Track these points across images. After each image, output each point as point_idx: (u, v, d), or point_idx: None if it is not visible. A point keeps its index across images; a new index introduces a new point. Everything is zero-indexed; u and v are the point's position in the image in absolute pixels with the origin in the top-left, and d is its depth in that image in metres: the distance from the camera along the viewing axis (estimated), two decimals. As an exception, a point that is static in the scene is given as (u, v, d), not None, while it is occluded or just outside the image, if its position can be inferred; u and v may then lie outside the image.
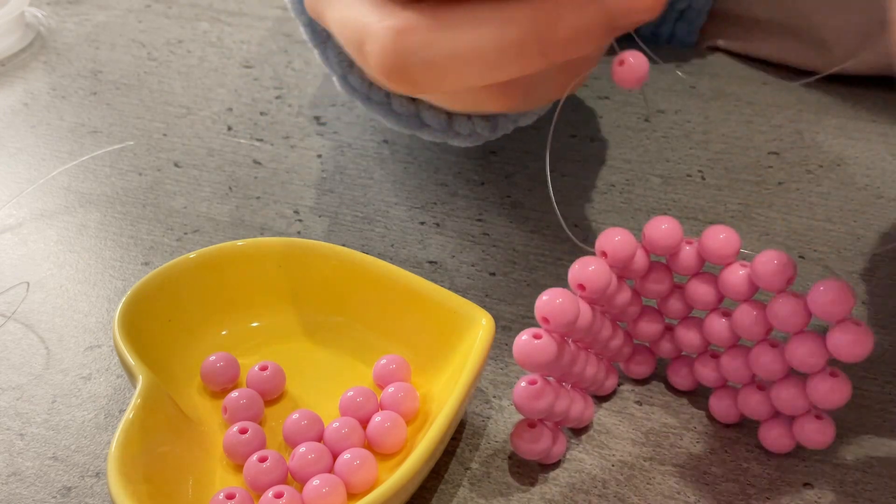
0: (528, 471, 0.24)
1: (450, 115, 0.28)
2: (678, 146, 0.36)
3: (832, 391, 0.22)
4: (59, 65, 0.43)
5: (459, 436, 0.25)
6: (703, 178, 0.34)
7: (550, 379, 0.23)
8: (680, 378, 0.26)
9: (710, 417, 0.25)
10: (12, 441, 0.25)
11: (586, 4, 0.20)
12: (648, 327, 0.25)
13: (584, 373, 0.24)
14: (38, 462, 0.24)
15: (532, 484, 0.23)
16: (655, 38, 0.44)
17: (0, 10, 0.43)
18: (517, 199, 0.33)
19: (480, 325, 0.24)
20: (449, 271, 0.30)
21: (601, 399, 0.26)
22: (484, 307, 0.25)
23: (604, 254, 0.23)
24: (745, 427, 0.25)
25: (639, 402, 0.26)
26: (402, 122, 0.28)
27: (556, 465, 0.24)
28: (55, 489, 0.24)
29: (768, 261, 0.22)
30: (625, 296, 0.24)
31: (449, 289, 0.25)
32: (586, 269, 0.22)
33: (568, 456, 0.24)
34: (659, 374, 0.26)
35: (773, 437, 0.24)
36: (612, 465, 0.24)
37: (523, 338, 0.21)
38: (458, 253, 0.31)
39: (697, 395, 0.26)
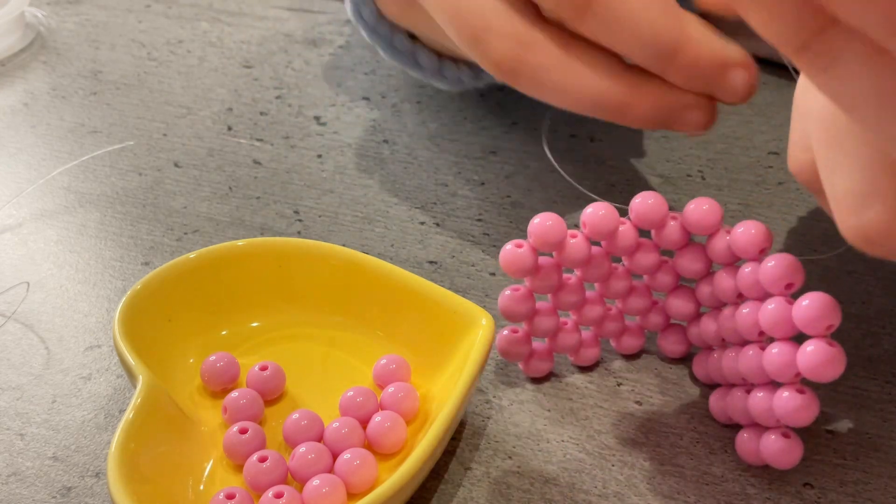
0: (528, 471, 0.24)
1: (440, 59, 0.30)
2: (678, 146, 0.36)
3: (797, 409, 0.21)
4: (59, 65, 0.43)
5: (459, 436, 0.25)
6: (703, 178, 0.34)
7: (545, 299, 0.25)
8: (671, 345, 0.26)
9: (710, 417, 0.25)
10: (12, 441, 0.25)
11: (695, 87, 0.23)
12: (638, 301, 0.26)
13: (584, 310, 0.26)
14: (38, 462, 0.24)
15: (532, 484, 0.23)
16: None
17: (0, 9, 0.43)
18: (517, 199, 0.33)
19: (480, 325, 0.24)
20: (449, 271, 0.30)
21: (600, 399, 0.26)
22: (484, 307, 0.25)
23: (584, 224, 0.24)
24: (745, 427, 0.25)
25: (639, 402, 0.26)
26: (398, 57, 0.30)
27: (556, 464, 0.24)
28: (55, 489, 0.24)
29: (775, 263, 0.22)
30: (634, 250, 0.25)
31: (449, 289, 0.25)
32: (595, 212, 0.24)
33: (568, 456, 0.24)
34: (659, 373, 0.26)
35: (747, 448, 0.23)
36: (612, 465, 0.24)
37: (507, 247, 0.24)
38: (458, 253, 0.31)
39: (697, 395, 0.26)
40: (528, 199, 0.33)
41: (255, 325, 0.27)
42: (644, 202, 0.24)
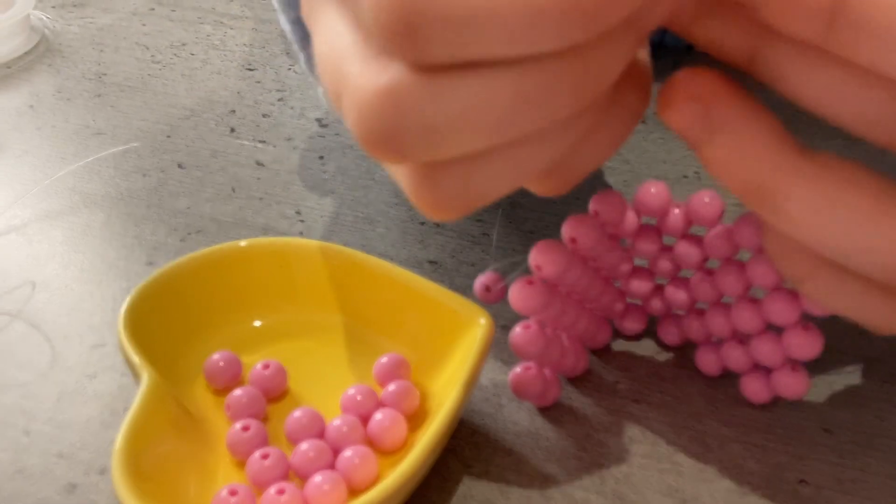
0: (527, 469, 0.24)
1: None
2: (675, 147, 0.36)
3: (805, 343, 0.23)
4: (63, 67, 0.43)
5: (459, 434, 0.25)
6: (700, 179, 0.35)
7: (545, 325, 0.24)
8: (669, 335, 0.27)
9: (708, 415, 0.25)
10: (18, 438, 0.25)
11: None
12: (640, 285, 0.26)
13: (577, 323, 0.25)
14: (44, 459, 0.25)
15: (532, 482, 0.24)
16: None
17: (5, 12, 0.43)
18: (517, 200, 0.34)
19: (480, 325, 0.24)
20: (449, 271, 0.31)
21: (599, 398, 0.26)
22: (483, 307, 0.25)
23: (596, 213, 0.24)
24: (743, 426, 0.25)
25: (637, 401, 0.26)
26: None
27: (555, 462, 0.24)
28: (60, 486, 0.24)
29: (747, 221, 0.23)
30: (616, 253, 0.25)
31: (449, 289, 0.26)
32: (579, 225, 0.23)
33: (567, 454, 0.24)
34: (657, 373, 0.27)
35: (753, 388, 0.25)
36: (611, 463, 0.24)
37: (516, 286, 0.23)
38: (458, 253, 0.31)
39: (695, 394, 0.26)
40: (528, 200, 0.34)
41: (257, 324, 0.27)
42: (647, 191, 0.25)
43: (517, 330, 0.24)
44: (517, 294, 0.23)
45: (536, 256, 0.23)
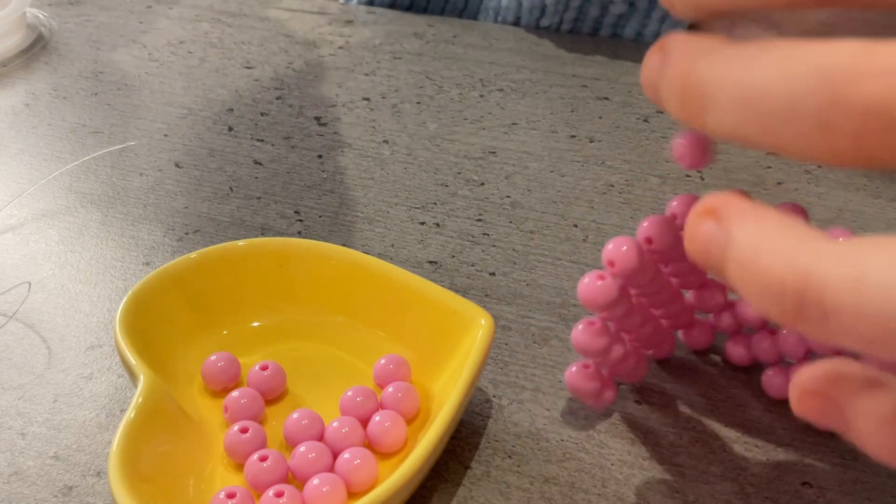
0: (528, 470, 0.24)
1: None
2: (678, 146, 0.36)
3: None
4: (60, 65, 0.43)
5: (459, 435, 0.25)
6: (702, 179, 0.34)
7: (609, 325, 0.24)
8: (737, 354, 0.26)
9: (709, 416, 0.25)
10: (14, 440, 0.25)
11: None
12: (711, 298, 0.26)
13: (643, 328, 0.24)
14: (40, 461, 0.24)
15: (532, 483, 0.24)
16: (641, 38, 0.44)
17: (2, 10, 0.43)
18: (517, 199, 0.34)
19: (480, 325, 0.24)
20: (449, 271, 0.30)
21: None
22: (484, 307, 0.25)
23: (675, 215, 0.23)
24: (744, 427, 0.25)
25: (638, 402, 0.26)
26: None
27: (556, 463, 0.24)
28: (56, 488, 0.24)
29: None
30: (690, 260, 0.24)
31: (449, 289, 0.25)
32: (656, 225, 0.23)
33: (567, 455, 0.24)
34: (658, 373, 0.27)
35: (778, 384, 0.25)
36: (612, 465, 0.24)
37: (585, 280, 0.22)
38: (458, 253, 0.31)
39: (696, 394, 0.26)
40: (528, 199, 0.34)
41: (255, 324, 0.27)
42: (685, 203, 0.23)
43: (581, 326, 0.23)
44: (587, 287, 0.22)
45: (610, 252, 0.22)
